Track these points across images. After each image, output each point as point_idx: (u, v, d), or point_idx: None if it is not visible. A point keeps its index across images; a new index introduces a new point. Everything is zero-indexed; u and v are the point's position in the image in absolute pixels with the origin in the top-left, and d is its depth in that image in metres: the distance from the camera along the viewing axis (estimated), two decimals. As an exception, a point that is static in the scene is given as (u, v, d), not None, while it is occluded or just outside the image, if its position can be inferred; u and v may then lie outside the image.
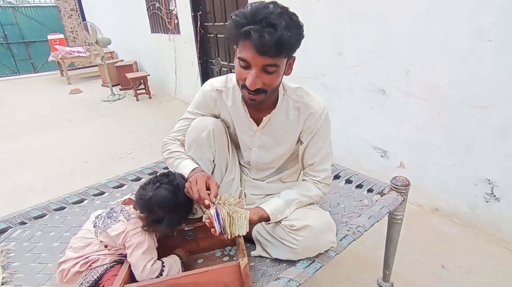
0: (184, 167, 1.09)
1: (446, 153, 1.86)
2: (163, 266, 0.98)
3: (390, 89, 2.04)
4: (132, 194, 1.08)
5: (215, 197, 0.96)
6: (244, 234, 0.93)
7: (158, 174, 1.03)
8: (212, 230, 0.92)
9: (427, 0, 1.73)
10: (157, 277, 0.96)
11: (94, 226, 1.01)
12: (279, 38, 0.81)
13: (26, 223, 1.29)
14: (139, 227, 0.98)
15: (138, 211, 0.99)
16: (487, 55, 1.57)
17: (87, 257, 0.96)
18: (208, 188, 0.98)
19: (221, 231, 0.91)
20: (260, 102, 0.96)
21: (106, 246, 0.99)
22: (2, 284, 1.00)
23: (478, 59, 1.61)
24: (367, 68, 2.14)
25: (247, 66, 0.89)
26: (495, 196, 1.71)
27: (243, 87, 0.93)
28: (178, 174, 1.05)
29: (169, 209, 0.97)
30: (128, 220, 0.99)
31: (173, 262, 1.01)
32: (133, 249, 0.96)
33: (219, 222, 0.90)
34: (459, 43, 1.66)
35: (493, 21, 1.52)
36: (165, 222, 0.97)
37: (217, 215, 0.90)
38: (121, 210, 1.02)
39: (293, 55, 0.94)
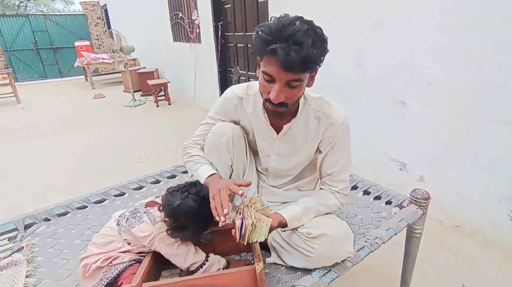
0: (203, 171, 1.11)
1: (468, 168, 1.81)
2: (207, 259, 1.02)
3: (410, 101, 2.02)
4: (156, 197, 1.11)
5: (248, 185, 1.00)
6: (263, 241, 0.94)
7: (186, 183, 1.05)
8: (233, 231, 0.91)
9: (450, 13, 1.71)
10: (197, 268, 1.01)
11: (118, 224, 1.04)
12: (305, 56, 0.82)
13: (50, 220, 1.34)
14: (165, 231, 1.01)
15: (163, 214, 1.02)
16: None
17: (107, 253, 0.99)
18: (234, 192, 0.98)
19: (240, 240, 0.91)
20: (282, 113, 0.98)
21: (129, 243, 1.02)
22: (26, 277, 1.04)
23: (503, 72, 1.57)
24: (387, 79, 2.12)
25: (271, 80, 0.91)
26: (520, 214, 1.65)
27: (267, 100, 0.95)
28: (205, 186, 1.06)
29: (195, 219, 0.99)
30: (154, 223, 1.02)
31: (217, 261, 1.05)
32: (166, 251, 1.00)
33: (241, 231, 0.90)
34: (482, 56, 1.62)
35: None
36: (189, 231, 0.99)
37: (242, 225, 0.90)
38: (145, 212, 1.05)
39: (316, 68, 0.95)
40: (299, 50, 0.81)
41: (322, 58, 0.89)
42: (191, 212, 0.98)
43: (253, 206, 0.95)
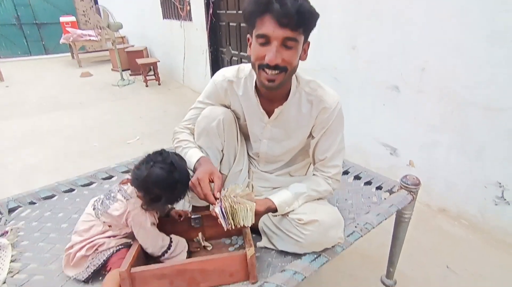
0: (191, 156, 1.09)
1: (457, 154, 1.84)
2: (171, 242, 1.02)
3: (404, 86, 2.01)
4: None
5: (219, 191, 0.96)
6: (250, 225, 0.94)
7: (151, 153, 1.02)
8: (219, 221, 0.92)
9: (444, 3, 1.69)
10: (165, 251, 1.00)
11: (94, 209, 1.02)
12: (300, 6, 0.82)
13: (36, 203, 1.31)
14: (139, 206, 0.99)
15: (137, 191, 1.00)
16: (503, 59, 1.53)
17: (92, 241, 0.97)
18: (212, 182, 0.98)
19: (227, 227, 0.91)
20: (279, 85, 0.93)
21: (110, 226, 1.00)
22: (11, 262, 1.02)
23: (494, 62, 1.57)
24: (381, 63, 2.10)
25: (266, 42, 0.88)
26: (505, 199, 1.68)
27: (261, 67, 0.91)
28: (172, 152, 1.04)
29: (166, 187, 0.96)
30: (127, 199, 0.99)
31: (178, 241, 1.05)
32: (138, 229, 0.98)
33: (224, 218, 0.90)
34: (475, 46, 1.62)
35: (510, 26, 1.48)
36: (163, 201, 0.97)
37: (222, 211, 0.90)
38: (119, 190, 1.02)
39: (308, 40, 0.95)
40: (293, 1, 0.82)
41: (315, 18, 0.88)
42: (159, 180, 0.95)
43: (232, 194, 0.94)
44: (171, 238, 1.03)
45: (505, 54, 1.53)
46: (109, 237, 1.00)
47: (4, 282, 0.95)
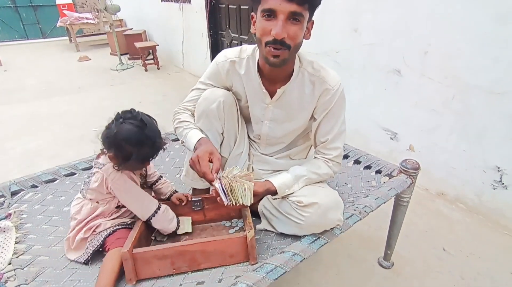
0: (191, 137, 1.08)
1: (457, 138, 1.84)
2: (159, 208, 1.04)
3: (406, 70, 1.99)
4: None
5: (217, 172, 0.96)
6: (249, 204, 0.94)
7: (120, 112, 1.02)
8: (218, 199, 0.93)
9: None
10: (155, 211, 1.03)
11: (81, 192, 1.05)
12: None
13: (38, 187, 1.32)
14: (114, 170, 0.99)
15: (107, 151, 0.99)
16: (509, 40, 1.51)
17: (88, 223, 0.99)
18: (211, 162, 0.98)
19: (228, 202, 0.92)
20: (283, 61, 0.93)
21: (98, 202, 1.02)
22: (16, 243, 1.04)
23: (500, 43, 1.54)
24: (383, 47, 2.07)
25: (272, 16, 0.87)
26: (503, 183, 1.70)
27: (267, 43, 0.90)
28: (141, 112, 1.04)
29: (136, 143, 0.96)
30: (101, 168, 1.01)
31: (168, 208, 1.08)
32: (120, 193, 1.00)
33: (225, 194, 0.91)
34: (480, 26, 1.59)
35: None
36: (135, 157, 0.97)
37: (222, 187, 0.91)
38: (94, 164, 1.04)
39: (312, 19, 0.94)
40: None
41: None
42: (130, 135, 0.95)
43: (230, 175, 0.94)
44: (159, 203, 1.06)
45: (510, 34, 1.50)
46: (103, 215, 1.02)
47: (10, 263, 0.97)
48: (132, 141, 0.95)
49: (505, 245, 1.63)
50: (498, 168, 1.70)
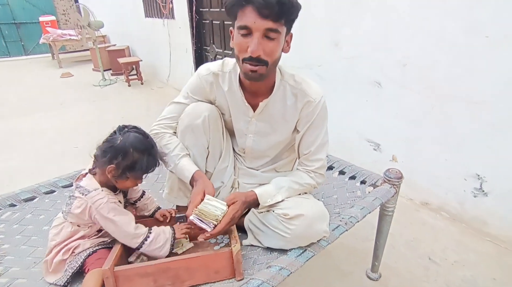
0: (183, 170, 1.07)
1: (439, 148, 1.88)
2: (150, 232, 0.99)
3: (386, 81, 2.04)
4: (84, 169, 1.05)
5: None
6: (223, 213, 0.94)
7: (119, 125, 1.03)
8: (207, 234, 0.93)
9: None
10: (142, 242, 0.97)
11: (62, 212, 1.01)
12: None
13: (16, 206, 1.28)
14: (99, 198, 0.94)
15: (107, 164, 0.96)
16: (482, 50, 1.58)
17: (67, 245, 0.96)
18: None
19: (210, 227, 0.92)
20: (261, 76, 0.93)
21: (78, 225, 0.98)
22: (-9, 266, 0.99)
23: (474, 54, 1.61)
24: (364, 59, 2.13)
25: (248, 33, 0.88)
26: (483, 191, 1.74)
27: (244, 60, 0.91)
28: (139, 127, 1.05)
29: (144, 149, 0.98)
30: (85, 195, 0.95)
31: (161, 232, 1.01)
32: (105, 223, 0.95)
33: (203, 222, 0.92)
34: (455, 38, 1.66)
35: (489, 17, 1.52)
36: (139, 165, 0.96)
37: (196, 217, 0.93)
38: (76, 188, 0.99)
39: (291, 32, 0.96)
40: None
41: (297, 9, 0.89)
42: (137, 142, 0.96)
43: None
44: (150, 229, 1.00)
45: (485, 45, 1.56)
46: (83, 238, 0.98)
47: (-16, 287, 0.92)
48: (140, 148, 0.97)
49: (487, 252, 1.66)
50: (478, 175, 1.74)
